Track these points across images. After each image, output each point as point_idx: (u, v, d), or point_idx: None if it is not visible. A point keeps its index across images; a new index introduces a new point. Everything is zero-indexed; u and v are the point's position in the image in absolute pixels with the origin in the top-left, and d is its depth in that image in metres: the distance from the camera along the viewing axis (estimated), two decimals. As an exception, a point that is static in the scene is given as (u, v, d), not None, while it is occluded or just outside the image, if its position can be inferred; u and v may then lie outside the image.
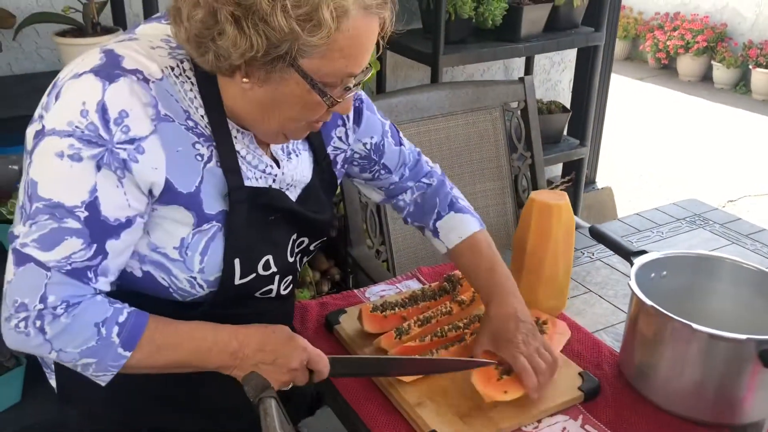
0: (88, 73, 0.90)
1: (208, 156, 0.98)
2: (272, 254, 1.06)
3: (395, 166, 1.28)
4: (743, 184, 4.44)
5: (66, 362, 0.93)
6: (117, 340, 0.93)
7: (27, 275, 0.90)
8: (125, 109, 0.89)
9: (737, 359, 1.05)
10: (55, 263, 0.90)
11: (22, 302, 0.90)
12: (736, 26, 6.46)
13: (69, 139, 0.88)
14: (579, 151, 2.94)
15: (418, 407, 1.09)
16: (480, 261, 1.23)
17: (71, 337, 0.91)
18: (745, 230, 1.73)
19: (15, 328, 0.91)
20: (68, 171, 0.89)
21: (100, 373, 0.94)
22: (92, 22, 1.81)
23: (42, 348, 0.92)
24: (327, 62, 0.91)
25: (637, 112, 5.74)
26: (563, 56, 3.27)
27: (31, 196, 0.90)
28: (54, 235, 0.89)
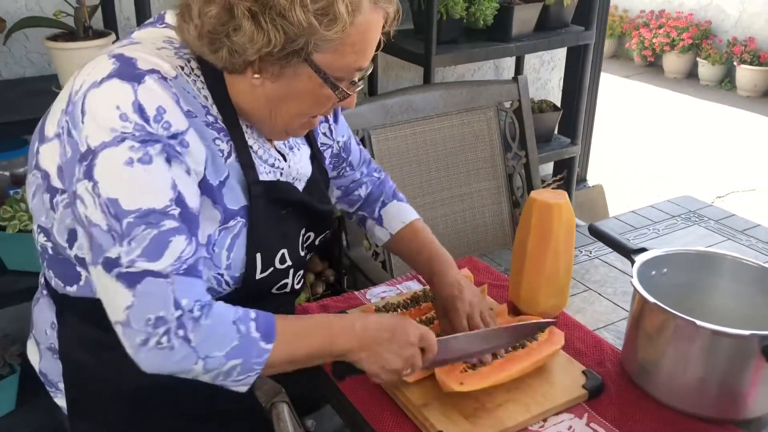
0: (109, 78, 0.88)
1: (228, 151, 0.99)
2: (287, 248, 1.07)
3: (358, 163, 1.34)
4: (730, 180, 4.47)
5: (210, 371, 0.90)
6: (257, 335, 0.91)
7: (149, 290, 0.86)
8: (161, 106, 0.88)
9: (740, 355, 1.06)
10: (171, 267, 0.88)
11: (158, 316, 0.86)
12: (720, 23, 6.51)
13: (126, 143, 0.86)
14: (570, 150, 2.96)
15: (424, 408, 1.09)
16: (422, 243, 1.28)
17: (215, 340, 0.89)
18: (740, 226, 1.74)
19: (156, 346, 0.87)
20: (145, 175, 0.87)
21: (243, 376, 0.92)
22: (84, 26, 1.80)
23: (187, 360, 0.88)
24: (339, 57, 0.93)
25: (625, 110, 5.77)
26: (553, 55, 3.28)
27: (117, 215, 0.86)
28: (158, 242, 0.87)
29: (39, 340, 1.11)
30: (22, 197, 1.84)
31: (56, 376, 1.10)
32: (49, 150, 0.96)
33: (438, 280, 1.23)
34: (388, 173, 1.78)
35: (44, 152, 0.96)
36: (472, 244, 1.98)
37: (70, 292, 1.03)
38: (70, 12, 1.81)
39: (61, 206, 0.96)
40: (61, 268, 1.03)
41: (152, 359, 0.88)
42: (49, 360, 1.10)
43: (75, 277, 1.02)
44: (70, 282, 1.03)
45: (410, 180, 1.87)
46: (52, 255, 1.03)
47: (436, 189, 1.92)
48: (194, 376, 0.91)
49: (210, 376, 0.91)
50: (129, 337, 0.88)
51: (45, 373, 1.11)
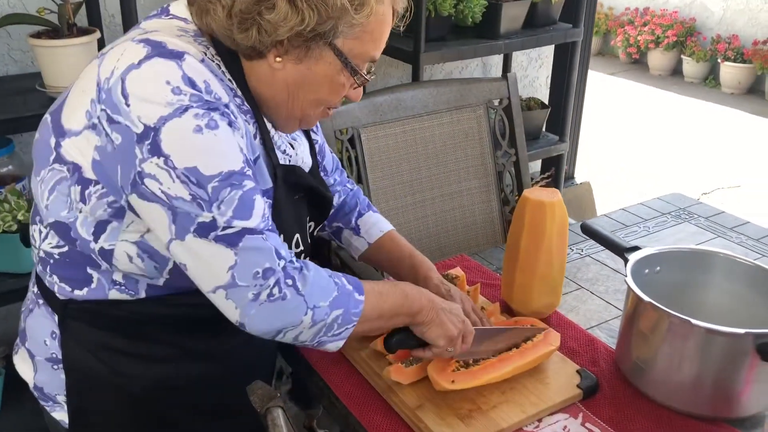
0: (149, 59, 0.88)
1: (254, 132, 1.00)
2: (299, 233, 1.10)
3: (331, 169, 1.34)
4: (716, 176, 4.50)
5: (317, 323, 0.93)
6: (351, 287, 0.97)
7: (251, 246, 0.89)
8: (206, 79, 0.90)
9: (735, 353, 1.06)
10: (262, 223, 0.91)
11: (266, 268, 0.89)
12: (705, 21, 6.55)
13: (191, 111, 0.87)
14: (558, 147, 2.96)
15: (418, 410, 1.08)
16: (402, 249, 1.29)
17: (320, 289, 0.93)
18: (730, 223, 1.74)
19: (269, 298, 0.89)
20: (216, 140, 0.88)
21: (342, 329, 0.96)
22: (68, 23, 1.77)
23: (298, 310, 0.91)
24: (358, 44, 0.96)
25: (610, 107, 5.79)
26: (540, 53, 3.28)
27: (199, 181, 0.87)
28: (245, 202, 0.90)
29: (34, 352, 1.08)
30: (5, 197, 1.80)
31: (54, 389, 1.07)
32: (76, 143, 0.94)
33: (425, 284, 1.22)
34: (378, 172, 1.78)
35: (70, 146, 0.94)
36: (463, 243, 1.97)
37: (78, 297, 1.01)
38: (53, 9, 1.78)
39: (95, 197, 0.95)
40: (69, 272, 1.01)
41: (265, 313, 0.90)
42: (46, 372, 1.07)
43: (86, 280, 1.00)
44: (80, 286, 1.01)
45: (400, 178, 1.85)
46: (59, 259, 1.01)
47: (426, 187, 1.91)
48: (298, 333, 0.93)
49: (314, 330, 0.93)
50: (237, 296, 0.89)
51: (41, 387, 1.08)
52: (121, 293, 1.00)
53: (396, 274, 1.29)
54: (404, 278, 1.27)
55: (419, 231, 1.91)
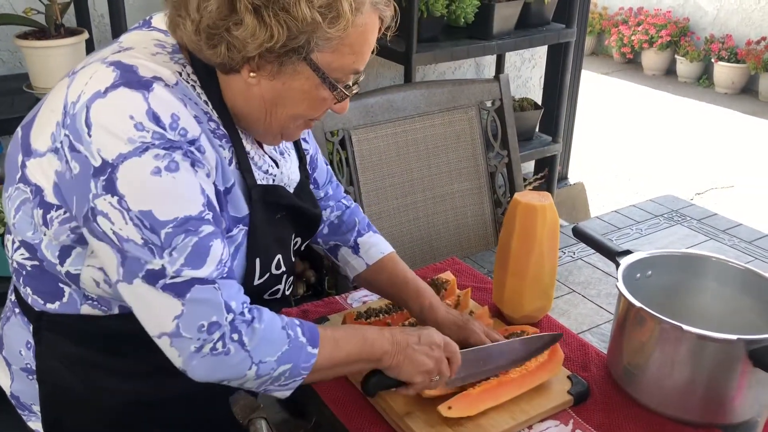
0: (115, 88, 0.84)
1: (230, 158, 0.97)
2: (281, 254, 1.06)
3: (323, 182, 1.30)
4: (709, 176, 4.50)
5: (261, 377, 0.90)
6: (304, 340, 0.93)
7: (199, 298, 0.86)
8: (174, 113, 0.86)
9: (727, 359, 1.05)
10: (216, 272, 0.87)
11: (212, 322, 0.86)
12: (698, 20, 6.55)
13: (150, 152, 0.83)
14: (552, 148, 2.95)
15: (407, 417, 1.06)
16: (404, 272, 1.24)
17: (268, 344, 0.90)
18: (722, 226, 1.74)
19: (211, 352, 0.86)
20: (174, 183, 0.85)
21: (290, 381, 0.93)
22: (55, 24, 1.75)
23: (242, 365, 0.88)
24: (337, 57, 0.91)
25: (604, 107, 5.79)
26: (533, 53, 3.27)
27: (153, 226, 0.84)
28: (199, 249, 0.86)
29: (11, 360, 1.06)
30: (-8, 200, 1.78)
31: (30, 399, 1.05)
32: (40, 165, 0.91)
33: (436, 310, 1.19)
34: (369, 173, 1.77)
35: (34, 167, 0.92)
36: (454, 245, 1.95)
37: (50, 309, 0.99)
38: (41, 9, 1.76)
39: (57, 222, 0.92)
40: (41, 285, 0.99)
41: (206, 366, 0.87)
42: (22, 382, 1.05)
43: (57, 294, 0.98)
44: (51, 299, 0.99)
45: (391, 180, 1.84)
46: (31, 271, 0.99)
47: (418, 189, 1.89)
48: (243, 382, 0.90)
49: (259, 382, 0.91)
50: (180, 347, 0.86)
51: (17, 395, 1.06)
52: (93, 309, 0.98)
53: (397, 298, 1.25)
54: (406, 304, 1.22)
55: (410, 233, 1.89)
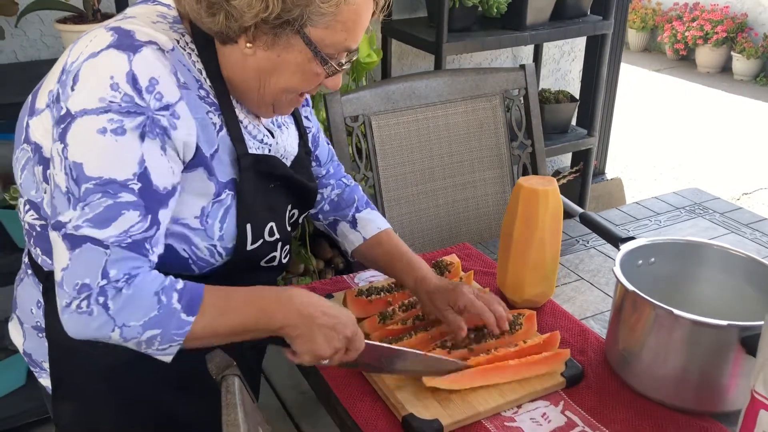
0: (107, 49, 0.90)
1: (220, 125, 1.00)
2: (274, 222, 1.09)
3: (325, 160, 1.33)
4: (760, 176, 4.37)
5: (129, 340, 0.92)
6: (179, 306, 0.92)
7: (85, 256, 0.89)
8: (154, 77, 0.90)
9: (720, 346, 1.04)
10: (115, 238, 0.89)
11: (84, 283, 0.89)
12: (757, 16, 6.34)
13: (107, 115, 0.88)
14: (587, 141, 2.91)
15: (397, 390, 1.09)
16: (399, 247, 1.27)
17: (134, 309, 0.90)
18: (746, 220, 1.70)
19: (77, 309, 0.89)
20: (114, 145, 0.89)
21: (165, 346, 0.93)
22: (93, 9, 1.83)
23: (104, 328, 0.90)
24: (330, 33, 0.95)
25: (654, 104, 5.67)
26: (573, 46, 3.23)
27: (78, 179, 0.89)
28: (110, 212, 0.89)
29: (23, 319, 1.12)
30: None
31: (41, 356, 1.11)
32: (39, 122, 0.97)
33: (427, 281, 1.22)
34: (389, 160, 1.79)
35: (35, 125, 0.98)
36: (475, 233, 1.96)
37: None
38: (79, -5, 1.84)
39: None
40: (48, 245, 1.03)
41: (73, 322, 0.90)
42: (33, 339, 1.11)
43: None
44: None
45: (411, 167, 1.86)
46: (40, 231, 1.05)
47: (439, 176, 1.91)
48: (115, 342, 0.93)
49: (131, 344, 0.92)
50: (59, 297, 0.91)
51: (29, 353, 1.13)
52: None
53: (391, 272, 1.27)
54: (400, 277, 1.25)
55: (430, 220, 1.91)
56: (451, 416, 1.05)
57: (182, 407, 1.14)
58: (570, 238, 1.61)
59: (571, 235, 1.62)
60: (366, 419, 1.07)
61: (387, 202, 1.83)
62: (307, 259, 2.43)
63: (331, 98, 1.72)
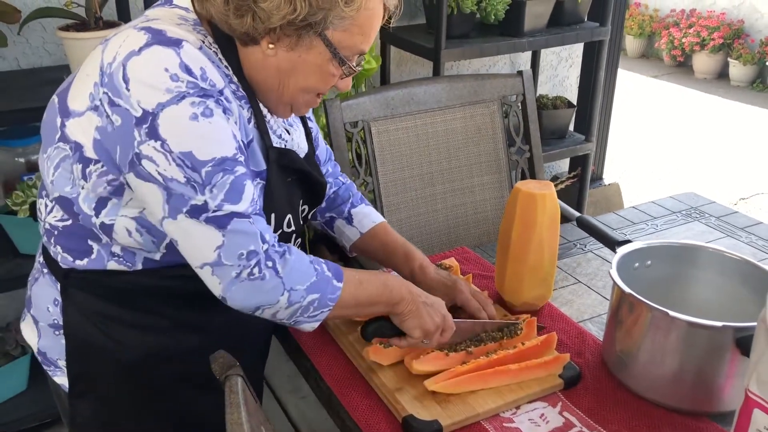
0: (148, 46, 0.93)
1: (248, 117, 1.05)
2: (291, 214, 1.14)
3: (324, 159, 1.37)
4: (757, 181, 4.39)
5: (293, 304, 0.99)
6: (330, 274, 1.02)
7: (238, 229, 0.95)
8: (202, 66, 0.95)
9: (715, 347, 1.06)
10: (251, 207, 0.97)
11: (250, 250, 0.95)
12: (754, 23, 6.38)
13: (187, 100, 0.92)
14: (584, 147, 2.94)
15: (397, 392, 1.10)
16: (395, 238, 1.32)
17: (299, 274, 0.99)
18: (741, 223, 1.72)
19: (249, 277, 0.95)
20: (210, 128, 0.94)
21: (318, 312, 1.02)
22: (95, 17, 1.85)
23: (275, 291, 0.97)
24: (348, 36, 1.01)
25: (651, 110, 5.70)
26: (570, 52, 3.26)
27: (194, 166, 0.93)
28: (236, 186, 0.95)
29: (38, 318, 1.14)
30: (34, 183, 1.89)
31: (56, 354, 1.13)
32: (79, 123, 0.99)
33: (426, 271, 1.27)
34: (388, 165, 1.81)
35: (74, 126, 1.00)
36: (473, 238, 1.98)
37: (79, 266, 1.07)
38: (81, 3, 1.86)
39: (95, 175, 1.00)
40: (72, 243, 1.07)
41: (244, 291, 0.96)
42: (49, 338, 1.13)
43: (86, 251, 1.06)
44: (81, 256, 1.06)
45: (410, 172, 1.88)
46: (62, 231, 1.07)
47: (438, 181, 1.93)
48: (275, 311, 0.99)
49: (290, 310, 1.00)
50: (221, 274, 0.96)
51: (44, 351, 1.14)
52: (119, 264, 1.06)
53: (389, 263, 1.31)
54: (398, 268, 1.29)
55: (429, 224, 1.93)
56: (450, 417, 1.06)
57: (200, 404, 1.16)
58: (567, 242, 1.63)
59: (568, 238, 1.64)
60: (366, 420, 1.08)
61: (386, 207, 1.85)
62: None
63: (331, 104, 1.74)
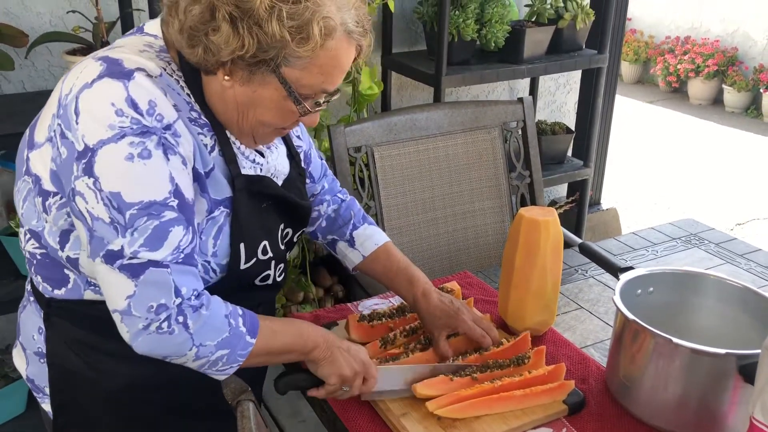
0: (100, 78, 0.92)
1: (212, 145, 1.04)
2: (267, 240, 1.12)
3: (319, 176, 1.36)
4: (752, 207, 4.42)
5: (200, 358, 0.97)
6: (244, 329, 1.00)
7: (151, 280, 0.92)
8: (152, 99, 0.94)
9: (719, 374, 1.06)
10: (171, 257, 0.94)
11: (161, 304, 0.92)
12: (747, 50, 6.46)
13: (126, 139, 0.91)
14: (582, 172, 2.96)
15: (403, 418, 1.10)
16: (398, 262, 1.32)
17: (210, 330, 0.96)
18: (740, 250, 1.73)
19: (157, 331, 0.93)
20: (144, 170, 0.92)
21: (227, 366, 0.99)
22: (101, 41, 1.87)
23: (183, 345, 0.94)
24: (306, 74, 0.98)
25: (648, 136, 5.74)
26: (568, 78, 3.29)
27: (120, 207, 0.92)
28: (159, 233, 0.93)
29: (26, 345, 1.14)
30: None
31: (43, 381, 1.12)
32: (39, 155, 0.99)
33: (429, 298, 1.26)
34: (391, 189, 1.82)
35: (34, 158, 1.00)
36: (474, 262, 1.99)
37: (58, 296, 1.07)
38: (89, 28, 1.88)
39: (54, 208, 1.00)
40: (49, 272, 1.07)
41: (151, 343, 0.94)
42: (35, 365, 1.13)
43: (63, 280, 1.06)
44: (58, 285, 1.06)
45: (413, 197, 1.89)
46: (40, 260, 1.07)
47: (439, 206, 1.94)
48: (183, 362, 0.97)
49: (198, 363, 0.97)
50: (129, 323, 0.93)
51: (32, 378, 1.14)
52: (95, 294, 1.05)
53: (391, 286, 1.31)
54: (400, 291, 1.29)
55: (431, 249, 1.94)
56: (455, 443, 1.06)
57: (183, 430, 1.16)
58: (569, 268, 1.64)
59: (570, 264, 1.65)
60: (372, 446, 1.08)
61: (388, 231, 1.86)
62: (307, 287, 2.44)
63: (334, 129, 1.76)
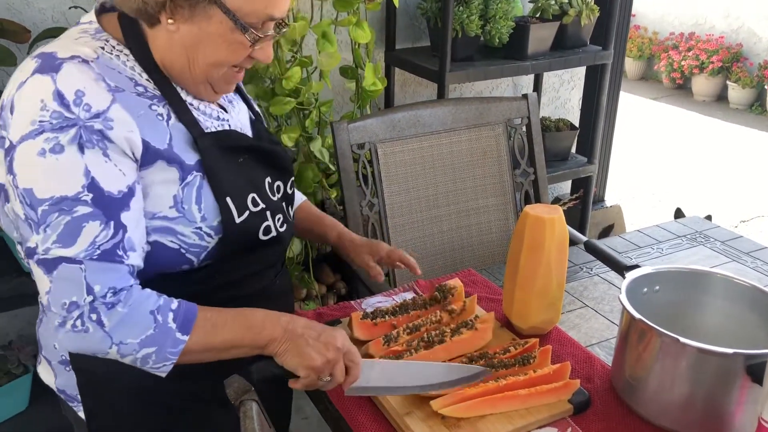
0: (31, 75, 0.93)
1: (167, 114, 1.02)
2: (255, 193, 1.11)
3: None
4: (757, 204, 4.40)
5: (126, 356, 0.94)
6: (174, 326, 0.95)
7: (63, 276, 0.91)
8: (80, 89, 0.92)
9: (726, 374, 1.05)
10: (84, 252, 0.91)
11: (72, 301, 0.91)
12: (752, 46, 6.44)
13: (42, 136, 0.90)
14: (587, 169, 2.95)
15: (406, 416, 1.10)
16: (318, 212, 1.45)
17: (130, 327, 0.93)
18: (747, 248, 1.72)
19: (72, 329, 0.91)
20: (56, 164, 0.91)
21: (160, 364, 0.95)
22: (103, 37, 1.86)
23: (103, 343, 0.92)
24: (248, 2, 0.97)
25: (652, 132, 5.73)
26: (572, 75, 3.28)
27: (32, 204, 0.91)
28: (71, 228, 0.91)
29: (50, 357, 1.13)
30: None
31: (73, 389, 1.11)
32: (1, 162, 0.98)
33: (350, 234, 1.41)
34: (394, 186, 1.82)
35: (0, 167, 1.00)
36: (478, 259, 1.98)
37: None
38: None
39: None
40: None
41: (71, 341, 0.93)
42: (63, 375, 1.11)
43: None
44: None
45: (416, 193, 1.88)
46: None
47: (443, 203, 1.93)
48: (114, 359, 0.95)
49: (127, 360, 0.95)
50: (50, 319, 0.93)
51: (63, 389, 1.13)
52: None
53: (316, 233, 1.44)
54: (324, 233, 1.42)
55: (435, 246, 1.93)
56: (460, 442, 1.06)
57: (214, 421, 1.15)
58: (574, 266, 1.63)
59: (575, 262, 1.64)
60: (376, 445, 1.08)
61: (392, 228, 1.85)
62: (310, 283, 2.44)
63: (337, 126, 1.75)
